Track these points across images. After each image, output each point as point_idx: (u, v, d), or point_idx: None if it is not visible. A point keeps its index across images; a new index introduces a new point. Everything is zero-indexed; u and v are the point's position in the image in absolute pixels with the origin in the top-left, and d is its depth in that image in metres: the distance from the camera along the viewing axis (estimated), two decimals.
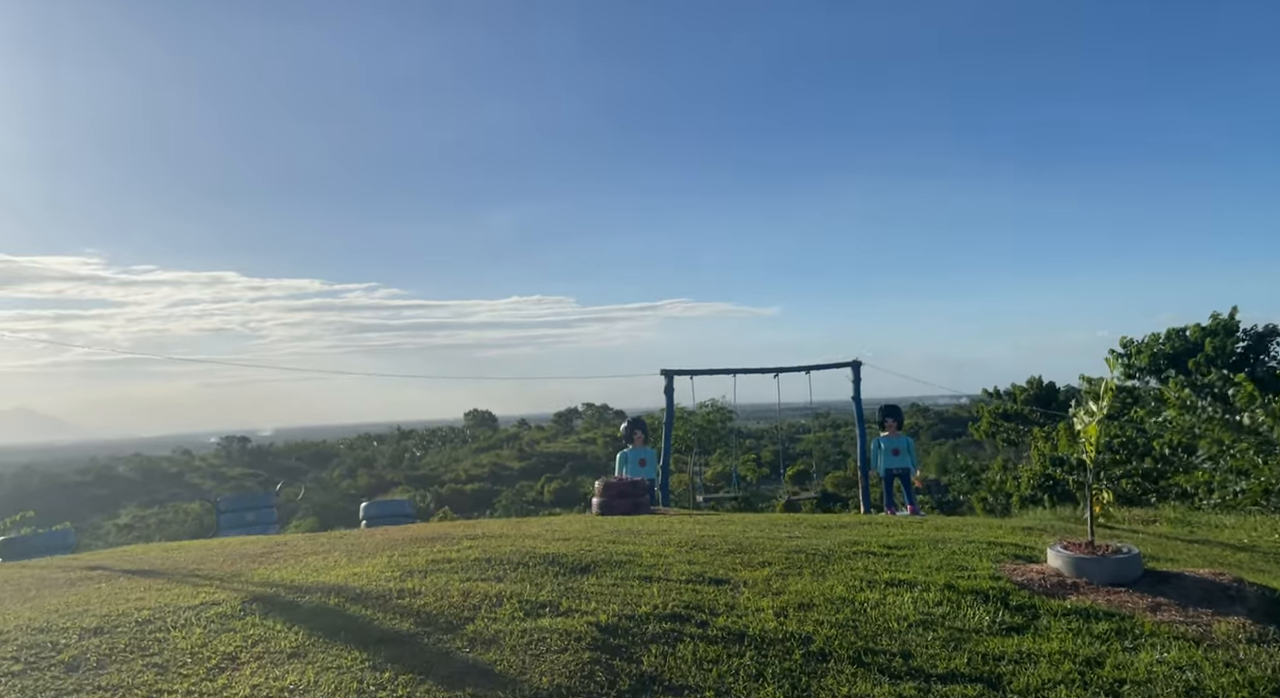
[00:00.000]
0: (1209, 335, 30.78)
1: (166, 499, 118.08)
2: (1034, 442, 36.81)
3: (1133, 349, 32.09)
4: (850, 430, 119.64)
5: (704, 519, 8.54)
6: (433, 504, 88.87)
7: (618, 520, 8.50)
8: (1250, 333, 30.40)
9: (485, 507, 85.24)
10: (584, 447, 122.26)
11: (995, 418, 43.08)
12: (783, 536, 6.99)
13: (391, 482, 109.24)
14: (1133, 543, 6.49)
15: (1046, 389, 40.96)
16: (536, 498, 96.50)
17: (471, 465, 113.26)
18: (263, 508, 10.73)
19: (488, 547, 5.86)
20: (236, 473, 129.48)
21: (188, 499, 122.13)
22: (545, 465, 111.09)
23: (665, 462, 13.59)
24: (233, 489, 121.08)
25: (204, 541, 7.94)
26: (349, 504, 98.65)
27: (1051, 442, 34.23)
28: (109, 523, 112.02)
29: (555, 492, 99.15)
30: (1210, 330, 30.99)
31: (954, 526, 8.24)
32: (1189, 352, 30.88)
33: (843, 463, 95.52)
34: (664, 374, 13.77)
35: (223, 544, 7.09)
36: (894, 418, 13.70)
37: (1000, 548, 6.41)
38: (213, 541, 8.00)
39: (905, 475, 13.40)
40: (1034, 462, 33.62)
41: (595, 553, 5.64)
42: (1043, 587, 5.12)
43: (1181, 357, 30.74)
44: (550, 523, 8.09)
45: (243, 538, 7.99)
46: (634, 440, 13.21)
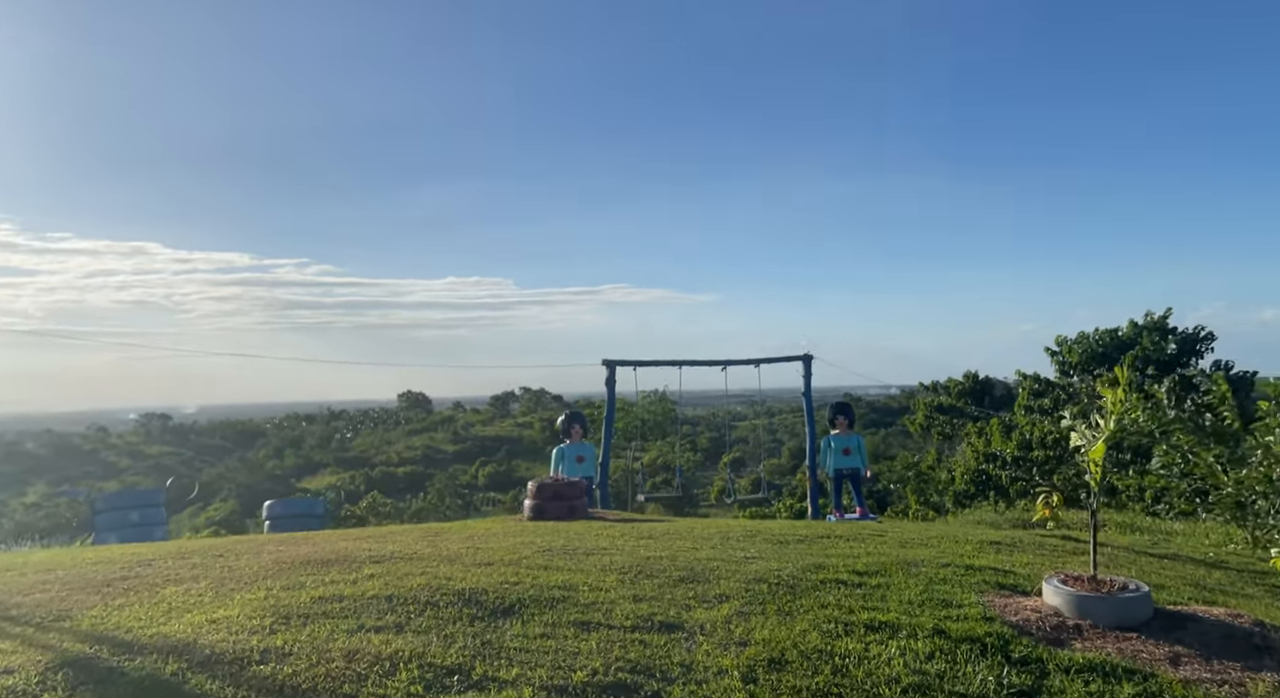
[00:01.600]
0: (1142, 334, 31.30)
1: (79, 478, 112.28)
2: (968, 437, 37.13)
3: (1065, 347, 32.48)
4: (786, 419, 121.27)
5: (649, 530, 7.70)
6: (363, 487, 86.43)
7: (552, 531, 7.59)
8: (1181, 335, 31.00)
9: (418, 490, 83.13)
10: (520, 431, 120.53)
11: (930, 411, 43.45)
12: (738, 555, 6.19)
13: (320, 463, 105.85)
14: (1110, 563, 5.88)
15: (981, 384, 41.45)
16: (471, 482, 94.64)
17: (404, 448, 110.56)
18: (148, 507, 9.46)
19: (393, 576, 4.89)
20: (156, 452, 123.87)
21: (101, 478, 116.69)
22: (480, 450, 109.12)
23: (605, 459, 12.72)
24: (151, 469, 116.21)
25: (56, 551, 6.73)
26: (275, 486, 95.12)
27: (985, 437, 34.41)
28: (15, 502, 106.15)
29: (490, 476, 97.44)
30: (1143, 329, 31.52)
31: (918, 540, 7.58)
32: (1121, 350, 31.34)
33: (778, 451, 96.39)
34: (606, 364, 12.87)
35: (76, 560, 5.93)
36: (845, 416, 13.10)
37: (980, 574, 5.72)
38: (71, 552, 6.80)
39: (855, 476, 12.82)
40: (968, 457, 33.84)
41: (523, 585, 4.73)
42: (1043, 631, 4.42)
43: (1114, 355, 31.19)
44: (474, 536, 7.13)
45: (111, 549, 6.82)
46: (571, 435, 12.30)
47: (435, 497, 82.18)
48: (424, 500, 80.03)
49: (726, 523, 9.02)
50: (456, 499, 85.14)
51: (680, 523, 8.81)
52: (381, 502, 60.70)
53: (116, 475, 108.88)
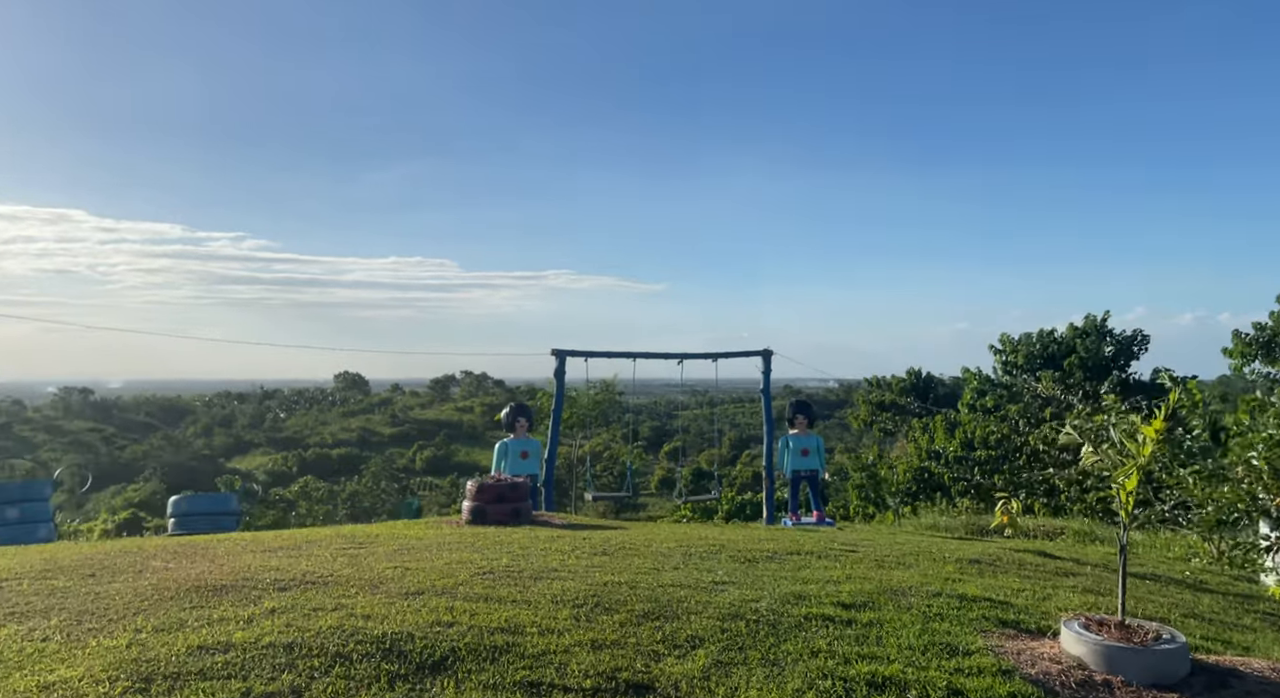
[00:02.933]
0: (1081, 337, 31.63)
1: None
2: (912, 434, 37.28)
3: (1010, 347, 32.68)
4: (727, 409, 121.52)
5: (602, 543, 6.92)
6: (295, 469, 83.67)
7: (494, 542, 6.75)
8: (1119, 338, 31.41)
9: (353, 472, 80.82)
10: (460, 415, 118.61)
11: (873, 408, 43.62)
12: (705, 580, 5.47)
13: (252, 443, 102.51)
14: None
15: (924, 381, 41.71)
16: (408, 466, 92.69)
17: (339, 430, 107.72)
18: (31, 501, 8.30)
19: (299, 610, 4.01)
20: (76, 427, 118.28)
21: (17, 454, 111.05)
22: (419, 433, 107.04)
23: (551, 455, 11.90)
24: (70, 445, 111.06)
25: None
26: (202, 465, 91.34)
27: (929, 434, 34.48)
28: None
29: (428, 460, 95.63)
30: (1083, 332, 31.85)
31: (893, 558, 6.97)
32: (1063, 352, 31.63)
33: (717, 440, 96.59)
34: (555, 355, 12.02)
35: None
36: (804, 414, 12.53)
37: (976, 607, 5.11)
38: None
39: (814, 479, 12.27)
40: (911, 454, 33.90)
41: (458, 627, 3.90)
42: (1069, 689, 3.79)
43: (1056, 357, 31.48)
44: (403, 548, 6.25)
45: None
46: (517, 429, 11.45)
47: (370, 480, 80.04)
48: (359, 484, 77.87)
49: (684, 531, 8.30)
50: (393, 483, 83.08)
51: (634, 532, 8.05)
52: (315, 485, 58.81)
53: (32, 452, 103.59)
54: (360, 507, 71.31)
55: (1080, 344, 31.87)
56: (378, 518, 70.96)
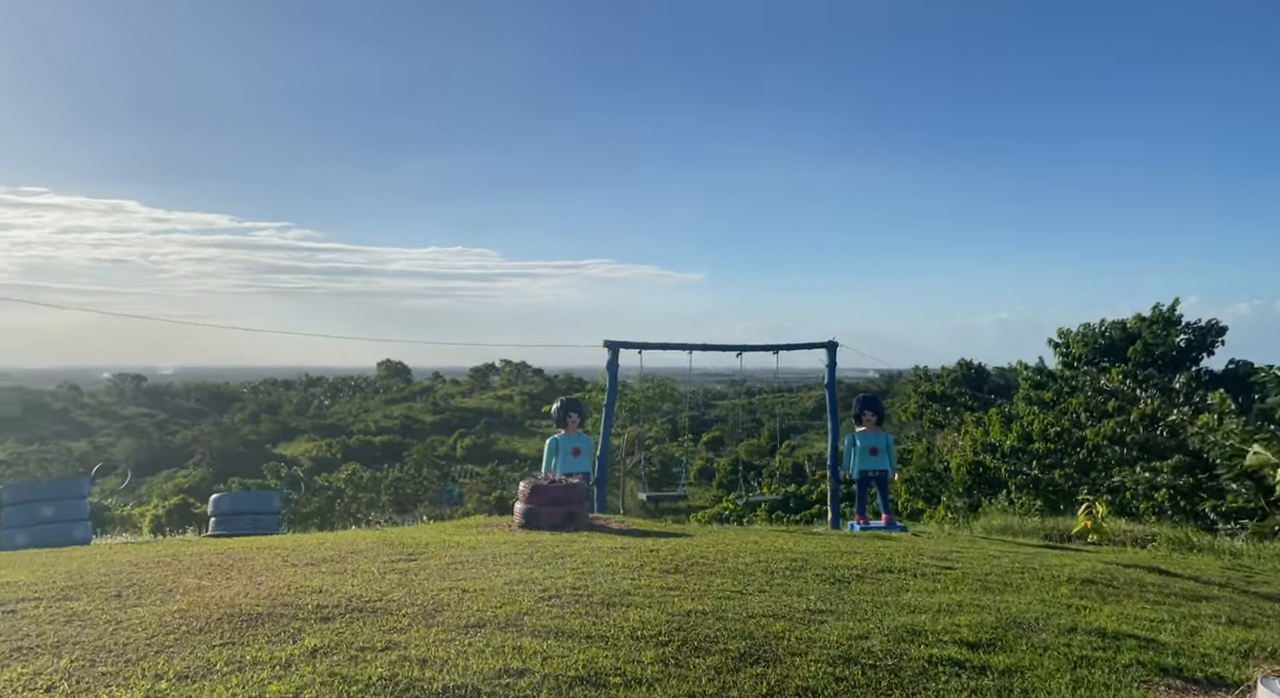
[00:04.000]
0: (1148, 326, 30.15)
1: (49, 437, 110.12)
2: (965, 427, 36.07)
3: (1069, 338, 31.34)
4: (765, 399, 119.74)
5: (671, 556, 6.29)
6: (340, 455, 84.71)
7: (553, 555, 6.16)
8: (1193, 327, 29.83)
9: (395, 459, 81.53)
10: (500, 404, 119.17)
11: (923, 399, 42.40)
12: (799, 606, 4.80)
13: (297, 430, 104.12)
14: None
15: (977, 372, 40.34)
16: (448, 454, 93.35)
17: (382, 417, 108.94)
18: (67, 499, 7.93)
19: (344, 652, 3.44)
20: (130, 413, 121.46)
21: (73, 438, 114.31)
22: (460, 421, 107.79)
23: (604, 451, 11.30)
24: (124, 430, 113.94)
25: None
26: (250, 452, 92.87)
27: (983, 427, 33.27)
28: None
29: (468, 448, 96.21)
30: (1149, 321, 30.35)
31: (996, 577, 6.23)
32: (1128, 343, 30.19)
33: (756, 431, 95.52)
34: (608, 347, 11.40)
35: None
36: (873, 411, 11.75)
37: (1125, 649, 4.36)
38: None
39: (883, 480, 11.51)
40: (965, 448, 32.79)
41: (531, 677, 3.29)
42: None
43: (1120, 348, 30.06)
44: (456, 563, 5.67)
45: None
46: (568, 425, 10.86)
47: (412, 468, 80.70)
48: (401, 471, 78.49)
49: (755, 541, 7.63)
50: (434, 471, 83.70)
51: (702, 541, 7.41)
52: (360, 474, 59.31)
53: (88, 436, 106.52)
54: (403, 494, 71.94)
55: (1147, 334, 30.36)
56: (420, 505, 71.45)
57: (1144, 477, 22.65)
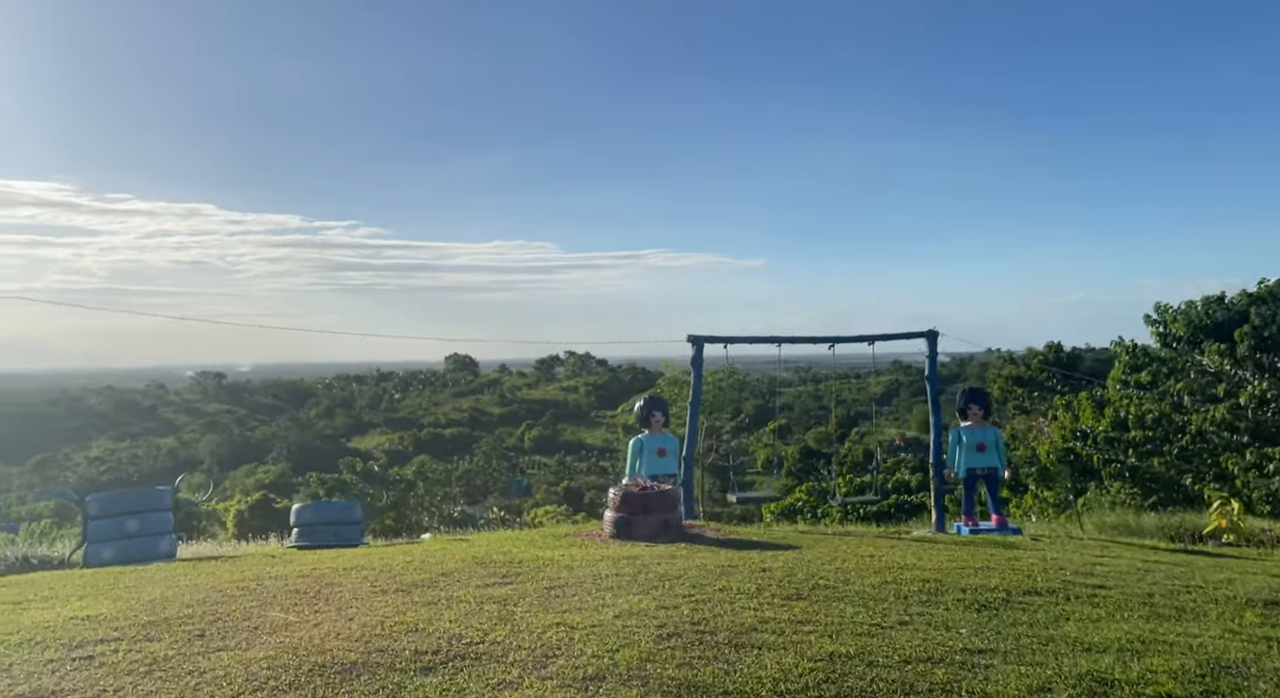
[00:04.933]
0: (1255, 304, 28.10)
1: (139, 434, 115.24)
2: (1054, 412, 34.41)
3: (1168, 316, 29.44)
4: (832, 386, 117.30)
5: (786, 575, 5.70)
6: (411, 448, 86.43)
7: (659, 577, 5.62)
8: None
9: (465, 451, 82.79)
10: (565, 395, 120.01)
11: (1007, 384, 40.62)
12: (952, 643, 4.16)
13: (370, 423, 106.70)
14: None
15: (1068, 355, 38.40)
16: (516, 445, 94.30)
17: (451, 410, 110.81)
18: (152, 511, 7.77)
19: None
20: (212, 409, 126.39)
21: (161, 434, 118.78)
22: (526, 412, 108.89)
23: (689, 451, 10.75)
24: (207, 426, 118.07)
25: None
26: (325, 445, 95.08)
27: (1073, 413, 31.55)
28: (80, 455, 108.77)
29: (535, 439, 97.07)
30: (1257, 298, 28.28)
31: (1162, 599, 5.46)
32: (1233, 322, 28.20)
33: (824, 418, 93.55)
34: (691, 341, 10.82)
35: None
36: (979, 404, 10.92)
37: None
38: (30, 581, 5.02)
39: (992, 478, 10.68)
40: (1053, 434, 31.24)
41: None
42: None
43: (1225, 327, 28.10)
44: (556, 589, 5.18)
45: (57, 607, 5.05)
46: (652, 425, 10.33)
47: (482, 459, 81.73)
48: (471, 463, 79.51)
49: (873, 554, 6.97)
50: (503, 462, 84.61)
51: (813, 555, 6.79)
52: (431, 466, 60.17)
53: (174, 432, 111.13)
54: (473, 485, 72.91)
55: (1254, 313, 28.33)
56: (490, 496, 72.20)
57: (1257, 464, 21.07)
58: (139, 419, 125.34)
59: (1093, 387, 33.28)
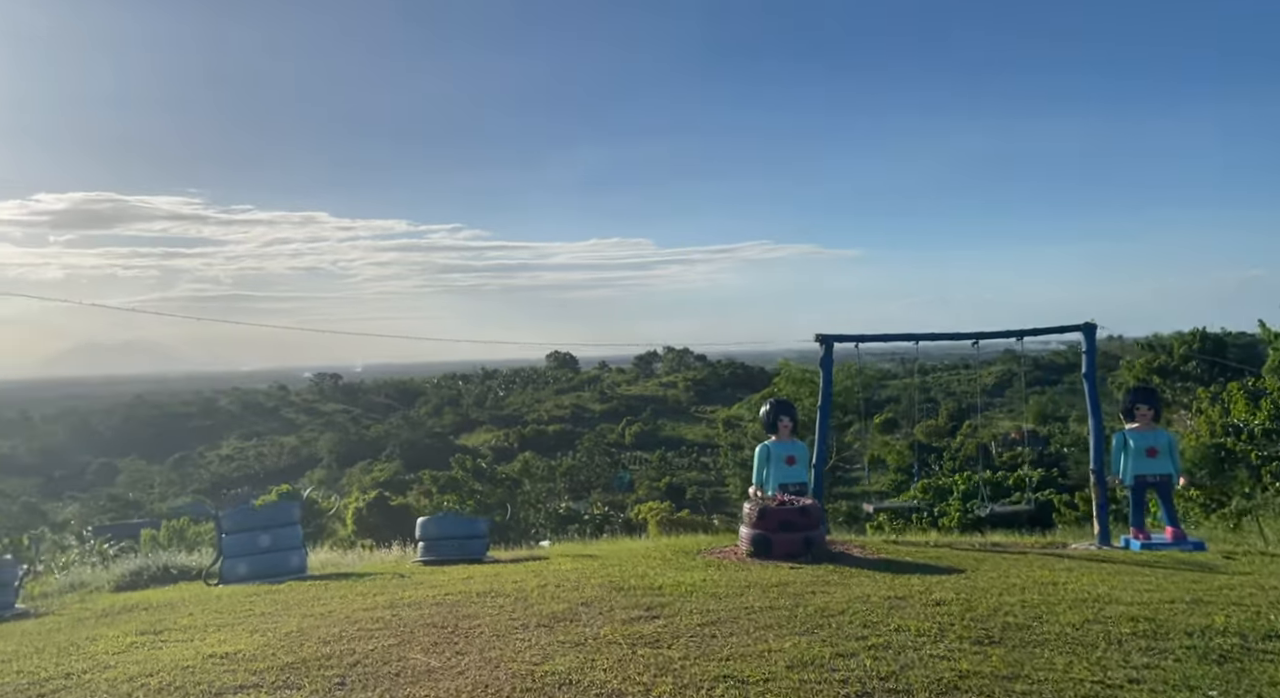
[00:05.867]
0: None
1: (265, 433, 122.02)
2: (1198, 404, 31.70)
3: None
4: (940, 377, 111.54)
5: (963, 610, 5.02)
6: (516, 444, 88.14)
7: (818, 611, 5.04)
8: None
9: (568, 448, 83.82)
10: (664, 391, 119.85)
11: (1146, 373, 37.71)
12: None
13: (476, 421, 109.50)
14: None
15: (1215, 341, 35.31)
16: (618, 441, 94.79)
17: (554, 407, 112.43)
18: (282, 526, 7.73)
19: None
20: (329, 409, 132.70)
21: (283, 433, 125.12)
22: (626, 408, 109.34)
23: (820, 458, 10.06)
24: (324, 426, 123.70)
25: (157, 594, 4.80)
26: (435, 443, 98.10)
27: (1222, 405, 28.90)
28: (212, 453, 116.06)
29: (636, 435, 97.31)
30: None
31: None
32: None
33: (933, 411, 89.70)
34: (820, 341, 10.12)
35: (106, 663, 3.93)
36: (1148, 404, 9.80)
37: None
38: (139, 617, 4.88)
39: (1165, 487, 9.55)
40: (1199, 428, 28.72)
41: None
42: None
43: None
44: (714, 626, 4.67)
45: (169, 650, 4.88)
46: (780, 430, 9.69)
47: (584, 455, 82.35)
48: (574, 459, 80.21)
49: (1053, 581, 6.17)
50: (605, 458, 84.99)
51: (983, 581, 6.05)
52: (535, 463, 61.07)
53: (295, 431, 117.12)
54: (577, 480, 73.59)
55: None
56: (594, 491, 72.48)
57: None
58: (263, 419, 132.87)
59: (1244, 376, 30.43)
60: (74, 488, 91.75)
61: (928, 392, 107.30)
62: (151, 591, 7.78)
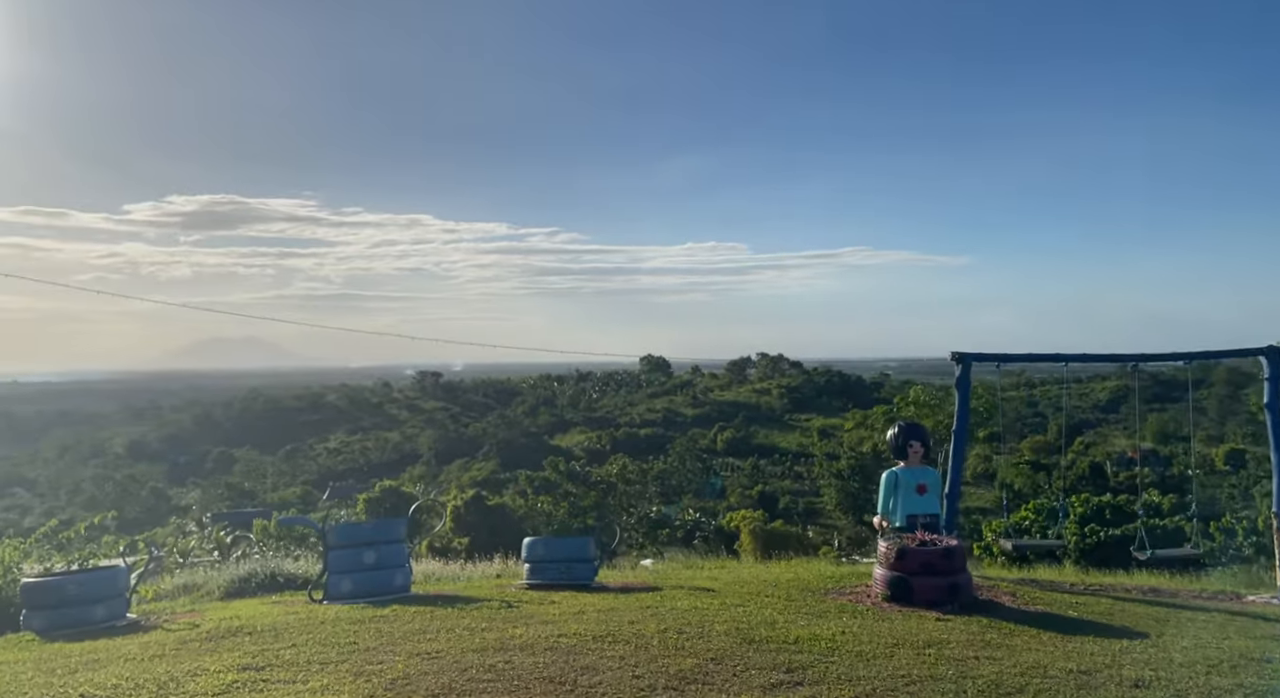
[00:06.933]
0: None
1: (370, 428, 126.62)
2: None
3: None
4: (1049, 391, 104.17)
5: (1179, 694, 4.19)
6: (608, 446, 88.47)
7: (993, 686, 4.31)
8: None
9: (659, 451, 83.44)
10: (758, 397, 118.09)
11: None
12: None
13: (570, 422, 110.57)
14: None
15: None
16: (709, 446, 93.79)
17: (645, 410, 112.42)
18: (388, 543, 7.48)
19: None
20: (430, 407, 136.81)
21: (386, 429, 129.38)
22: (718, 414, 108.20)
23: (954, 488, 9.18)
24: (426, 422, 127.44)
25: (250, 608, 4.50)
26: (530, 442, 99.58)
27: None
28: (320, 446, 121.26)
29: (728, 441, 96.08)
30: None
31: None
32: None
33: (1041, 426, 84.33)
34: (956, 359, 9.24)
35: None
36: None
37: None
38: None
39: None
40: None
41: None
42: None
43: None
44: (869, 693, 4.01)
45: None
46: (910, 455, 8.86)
47: (676, 460, 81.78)
48: (665, 463, 79.68)
49: (1250, 645, 5.22)
50: (696, 463, 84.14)
51: (1187, 656, 5.16)
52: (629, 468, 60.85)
53: (398, 427, 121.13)
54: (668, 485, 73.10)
55: None
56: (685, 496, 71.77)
57: None
58: (368, 415, 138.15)
59: None
60: (196, 475, 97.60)
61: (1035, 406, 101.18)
62: (258, 601, 7.66)
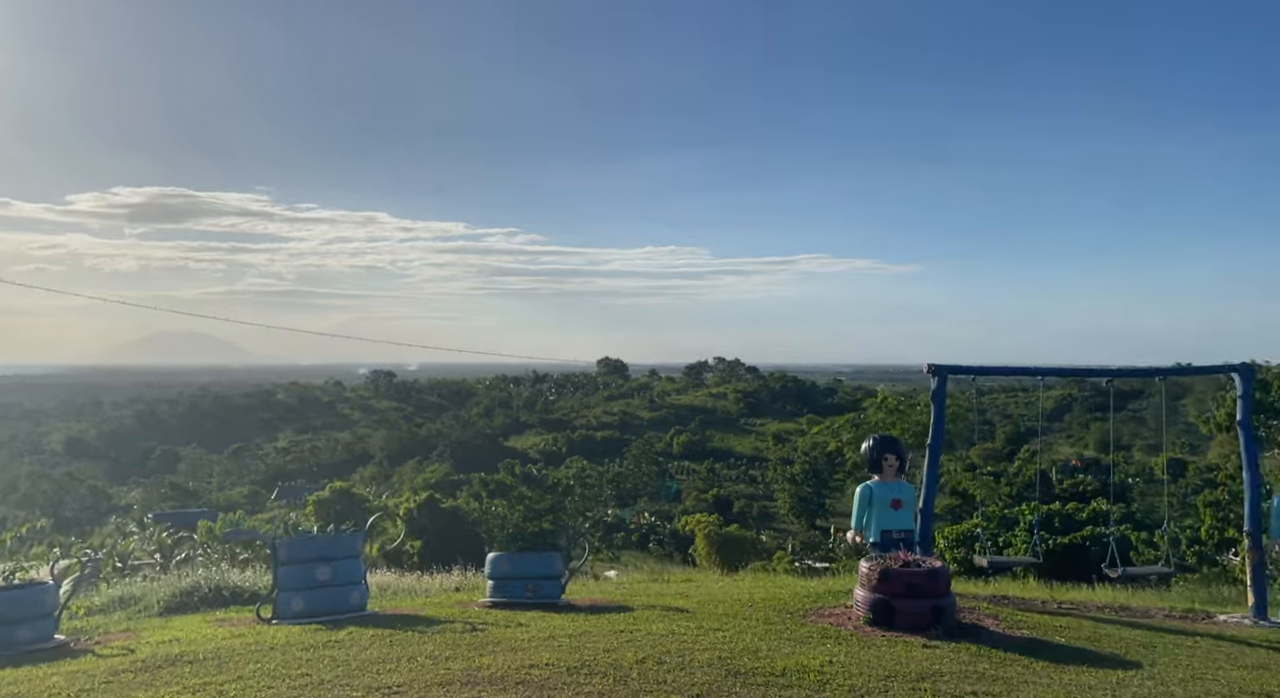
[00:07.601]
0: None
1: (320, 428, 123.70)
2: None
3: None
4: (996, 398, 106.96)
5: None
6: (564, 449, 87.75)
7: None
8: None
9: (615, 454, 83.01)
10: (714, 401, 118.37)
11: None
12: None
13: (526, 424, 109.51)
14: None
15: None
16: (665, 450, 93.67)
17: (602, 413, 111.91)
18: (342, 558, 7.02)
19: None
20: (383, 407, 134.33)
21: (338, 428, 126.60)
22: (675, 418, 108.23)
23: (928, 503, 9.03)
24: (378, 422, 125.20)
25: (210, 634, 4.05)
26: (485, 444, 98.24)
27: None
28: (269, 445, 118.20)
29: (684, 445, 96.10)
30: None
31: None
32: None
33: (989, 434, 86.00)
34: (932, 372, 9.09)
35: None
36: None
37: None
38: None
39: None
40: None
41: None
42: None
43: None
44: None
45: None
46: (884, 469, 8.68)
47: (632, 463, 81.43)
48: (621, 466, 79.27)
49: (1247, 674, 5.10)
50: (652, 466, 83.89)
51: (1185, 689, 5.00)
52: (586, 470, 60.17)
53: (350, 427, 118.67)
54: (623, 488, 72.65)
55: None
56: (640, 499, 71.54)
57: None
58: (319, 414, 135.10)
59: None
60: (138, 474, 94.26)
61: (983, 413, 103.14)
62: (202, 619, 7.14)
